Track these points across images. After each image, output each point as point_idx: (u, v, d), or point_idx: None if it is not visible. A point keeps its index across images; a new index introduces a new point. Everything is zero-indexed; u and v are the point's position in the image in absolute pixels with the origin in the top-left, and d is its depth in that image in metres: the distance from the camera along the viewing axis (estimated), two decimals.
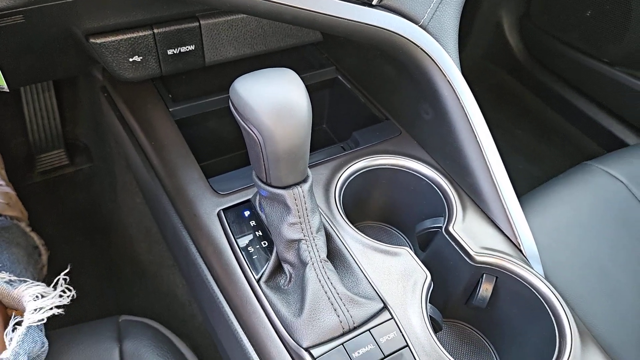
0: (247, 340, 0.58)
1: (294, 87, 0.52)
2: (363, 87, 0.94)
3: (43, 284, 0.68)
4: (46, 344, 0.65)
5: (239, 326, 0.59)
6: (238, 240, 0.64)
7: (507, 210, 0.69)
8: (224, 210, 0.67)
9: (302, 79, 0.99)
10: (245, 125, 0.51)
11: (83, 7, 0.66)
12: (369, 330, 0.54)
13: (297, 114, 0.50)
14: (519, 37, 1.86)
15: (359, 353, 0.52)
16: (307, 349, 0.53)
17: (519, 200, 0.93)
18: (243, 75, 0.52)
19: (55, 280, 0.67)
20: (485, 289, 0.64)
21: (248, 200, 0.69)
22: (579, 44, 1.65)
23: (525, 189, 0.97)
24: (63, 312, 0.65)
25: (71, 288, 0.67)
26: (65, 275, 0.68)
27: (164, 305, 1.12)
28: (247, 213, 0.67)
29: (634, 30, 1.46)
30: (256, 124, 0.50)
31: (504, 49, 1.88)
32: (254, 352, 0.57)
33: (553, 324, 0.59)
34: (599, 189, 0.97)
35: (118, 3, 0.70)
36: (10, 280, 0.68)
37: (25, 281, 0.67)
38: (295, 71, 0.55)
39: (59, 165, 1.43)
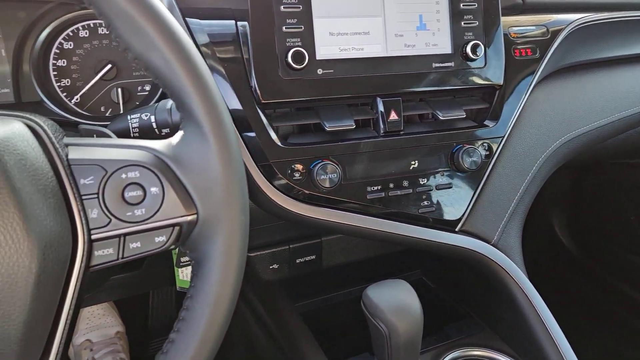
0: None
1: (409, 294, 0.73)
2: (447, 287, 1.14)
3: None
4: None
5: None
6: None
7: None
8: None
9: None
10: (374, 322, 0.72)
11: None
12: None
13: (413, 314, 0.71)
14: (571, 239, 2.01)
15: None
16: None
17: None
18: (372, 285, 0.75)
19: None
20: None
21: None
22: (629, 245, 1.78)
23: None
24: None
25: None
26: None
27: None
28: None
29: None
30: (384, 320, 0.70)
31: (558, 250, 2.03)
32: None
33: None
34: None
35: (267, 232, 0.98)
36: None
37: None
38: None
39: None
